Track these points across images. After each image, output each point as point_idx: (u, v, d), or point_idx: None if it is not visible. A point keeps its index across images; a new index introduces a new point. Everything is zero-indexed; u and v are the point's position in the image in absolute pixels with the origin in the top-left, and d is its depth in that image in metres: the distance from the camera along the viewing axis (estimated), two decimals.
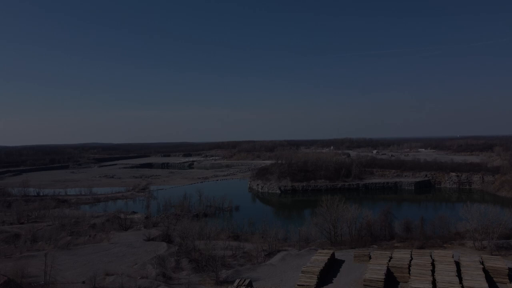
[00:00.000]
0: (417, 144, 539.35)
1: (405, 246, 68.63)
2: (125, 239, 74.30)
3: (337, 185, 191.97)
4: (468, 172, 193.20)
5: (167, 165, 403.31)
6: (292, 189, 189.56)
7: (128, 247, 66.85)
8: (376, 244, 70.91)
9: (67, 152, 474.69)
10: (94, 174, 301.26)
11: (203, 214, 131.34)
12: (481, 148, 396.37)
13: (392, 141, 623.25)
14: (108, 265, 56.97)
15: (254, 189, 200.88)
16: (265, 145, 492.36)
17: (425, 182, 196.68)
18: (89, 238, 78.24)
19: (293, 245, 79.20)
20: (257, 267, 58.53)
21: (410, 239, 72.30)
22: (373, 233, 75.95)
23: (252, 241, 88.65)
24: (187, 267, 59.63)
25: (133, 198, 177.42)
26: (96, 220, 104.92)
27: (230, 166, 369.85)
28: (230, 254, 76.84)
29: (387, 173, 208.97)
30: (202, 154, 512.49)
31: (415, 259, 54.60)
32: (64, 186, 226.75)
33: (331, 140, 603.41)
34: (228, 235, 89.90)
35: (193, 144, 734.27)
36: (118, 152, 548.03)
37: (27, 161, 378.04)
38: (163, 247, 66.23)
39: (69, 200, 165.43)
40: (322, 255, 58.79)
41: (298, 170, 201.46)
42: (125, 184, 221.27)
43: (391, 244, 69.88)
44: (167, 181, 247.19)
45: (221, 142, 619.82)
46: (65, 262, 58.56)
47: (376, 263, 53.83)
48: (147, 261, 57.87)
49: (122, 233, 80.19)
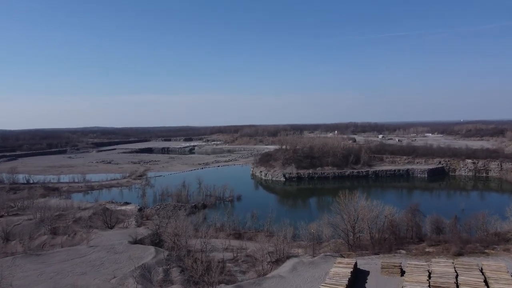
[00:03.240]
0: (424, 129, 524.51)
1: (438, 251, 57.66)
2: (108, 240, 63.69)
3: (345, 172, 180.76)
4: (485, 159, 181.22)
5: (167, 150, 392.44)
6: (298, 177, 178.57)
7: (108, 253, 56.20)
8: (403, 248, 59.95)
9: (65, 137, 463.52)
10: (91, 159, 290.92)
11: (202, 205, 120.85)
12: (491, 133, 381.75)
13: (398, 125, 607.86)
14: (80, 279, 46.38)
15: (257, 176, 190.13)
16: (268, 130, 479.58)
17: (439, 170, 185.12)
18: (67, 238, 67.76)
19: (304, 246, 68.46)
20: (262, 281, 47.76)
21: (443, 242, 61.27)
22: (398, 234, 64.96)
23: (256, 240, 78.02)
24: (178, 279, 48.97)
25: (129, 186, 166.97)
26: (82, 213, 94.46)
27: (231, 151, 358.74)
28: (231, 257, 66.37)
29: (398, 160, 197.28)
30: (203, 139, 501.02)
31: (462, 275, 43.46)
32: (58, 172, 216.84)
33: (335, 125, 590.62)
34: (229, 233, 79.42)
35: (194, 129, 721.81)
36: (118, 137, 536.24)
37: (23, 146, 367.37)
38: (150, 252, 55.48)
39: (60, 188, 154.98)
40: (343, 267, 47.82)
41: (304, 156, 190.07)
42: (122, 170, 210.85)
43: (421, 249, 58.90)
44: (166, 167, 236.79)
45: (223, 127, 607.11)
46: (29, 274, 48.04)
47: (413, 280, 42.75)
48: (128, 273, 47.16)
49: (106, 232, 69.67)
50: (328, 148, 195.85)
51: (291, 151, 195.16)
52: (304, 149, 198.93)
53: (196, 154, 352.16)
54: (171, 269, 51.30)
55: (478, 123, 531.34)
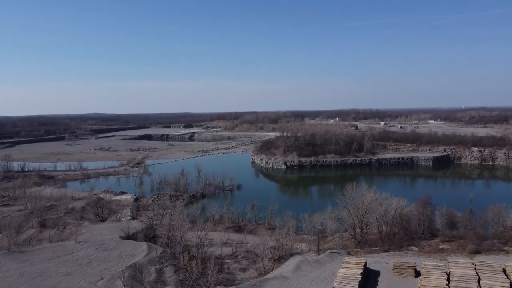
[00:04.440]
0: (426, 116, 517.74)
1: (453, 248, 53.53)
2: (98, 235, 59.55)
3: (347, 160, 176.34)
4: (492, 147, 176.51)
5: (166, 137, 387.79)
6: (299, 165, 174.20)
7: (97, 250, 52.12)
8: (415, 244, 55.81)
9: (64, 123, 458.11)
10: (89, 146, 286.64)
11: (201, 194, 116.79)
12: (495, 120, 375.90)
13: (399, 112, 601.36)
14: (64, 280, 42.38)
15: (258, 164, 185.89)
16: (269, 116, 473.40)
17: (444, 158, 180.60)
18: (56, 232, 63.68)
19: (308, 241, 64.42)
20: (264, 283, 43.69)
21: (457, 238, 57.11)
22: (408, 229, 60.76)
23: (257, 234, 74.11)
24: (172, 280, 44.96)
25: (127, 174, 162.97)
26: (75, 204, 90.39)
27: (232, 138, 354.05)
28: (230, 252, 62.37)
29: (401, 148, 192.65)
30: (203, 126, 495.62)
31: (485, 278, 39.24)
32: (55, 160, 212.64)
33: (336, 111, 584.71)
34: (228, 225, 75.37)
35: (194, 115, 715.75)
36: (117, 123, 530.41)
37: (21, 133, 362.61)
38: (142, 250, 51.34)
39: (56, 177, 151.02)
40: (352, 267, 43.66)
41: (306, 144, 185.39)
42: (120, 158, 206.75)
43: (435, 245, 54.73)
44: (165, 155, 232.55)
45: (223, 113, 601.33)
46: (9, 275, 44.02)
47: (430, 284, 38.59)
48: (117, 274, 43.06)
49: (97, 226, 65.54)
50: (330, 136, 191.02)
51: (292, 138, 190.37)
52: (305, 136, 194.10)
53: (196, 141, 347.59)
54: (165, 269, 47.27)
55: (480, 110, 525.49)
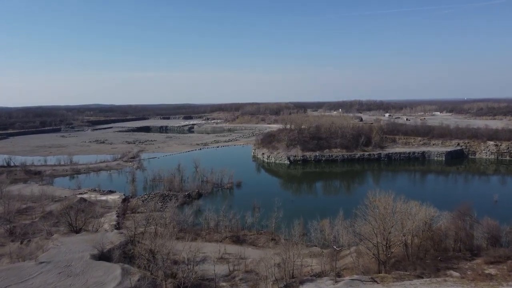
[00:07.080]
0: (431, 107, 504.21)
1: (503, 274, 43.04)
2: (67, 252, 49.28)
3: (355, 155, 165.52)
4: (509, 141, 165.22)
5: (165, 128, 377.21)
6: (303, 160, 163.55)
7: (60, 275, 41.83)
8: (453, 267, 45.29)
9: (60, 114, 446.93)
10: (84, 139, 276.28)
11: (197, 193, 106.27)
12: (504, 111, 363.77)
13: (404, 103, 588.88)
14: None
15: (259, 159, 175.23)
16: (270, 108, 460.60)
17: (458, 152, 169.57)
18: (19, 246, 53.43)
19: (319, 255, 53.98)
20: None
21: (504, 258, 46.58)
22: (441, 245, 50.22)
23: (259, 245, 63.76)
24: None
25: (119, 170, 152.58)
26: (53, 206, 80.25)
27: (232, 130, 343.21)
28: (226, 272, 52.08)
29: (412, 141, 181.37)
30: (203, 117, 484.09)
31: None
32: (47, 153, 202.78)
33: (339, 103, 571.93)
34: (225, 235, 64.90)
35: (194, 106, 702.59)
36: (115, 114, 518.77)
37: (15, 124, 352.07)
38: (114, 276, 40.95)
39: (43, 172, 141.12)
40: None
41: (310, 137, 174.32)
42: (114, 151, 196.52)
43: (479, 269, 44.26)
44: (163, 148, 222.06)
45: (224, 104, 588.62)
46: None
47: None
48: None
49: (68, 239, 55.25)
50: (336, 128, 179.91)
51: (296, 131, 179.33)
52: (310, 129, 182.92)
53: (196, 133, 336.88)
54: None
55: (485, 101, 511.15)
